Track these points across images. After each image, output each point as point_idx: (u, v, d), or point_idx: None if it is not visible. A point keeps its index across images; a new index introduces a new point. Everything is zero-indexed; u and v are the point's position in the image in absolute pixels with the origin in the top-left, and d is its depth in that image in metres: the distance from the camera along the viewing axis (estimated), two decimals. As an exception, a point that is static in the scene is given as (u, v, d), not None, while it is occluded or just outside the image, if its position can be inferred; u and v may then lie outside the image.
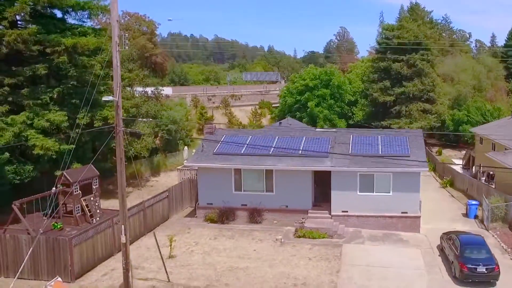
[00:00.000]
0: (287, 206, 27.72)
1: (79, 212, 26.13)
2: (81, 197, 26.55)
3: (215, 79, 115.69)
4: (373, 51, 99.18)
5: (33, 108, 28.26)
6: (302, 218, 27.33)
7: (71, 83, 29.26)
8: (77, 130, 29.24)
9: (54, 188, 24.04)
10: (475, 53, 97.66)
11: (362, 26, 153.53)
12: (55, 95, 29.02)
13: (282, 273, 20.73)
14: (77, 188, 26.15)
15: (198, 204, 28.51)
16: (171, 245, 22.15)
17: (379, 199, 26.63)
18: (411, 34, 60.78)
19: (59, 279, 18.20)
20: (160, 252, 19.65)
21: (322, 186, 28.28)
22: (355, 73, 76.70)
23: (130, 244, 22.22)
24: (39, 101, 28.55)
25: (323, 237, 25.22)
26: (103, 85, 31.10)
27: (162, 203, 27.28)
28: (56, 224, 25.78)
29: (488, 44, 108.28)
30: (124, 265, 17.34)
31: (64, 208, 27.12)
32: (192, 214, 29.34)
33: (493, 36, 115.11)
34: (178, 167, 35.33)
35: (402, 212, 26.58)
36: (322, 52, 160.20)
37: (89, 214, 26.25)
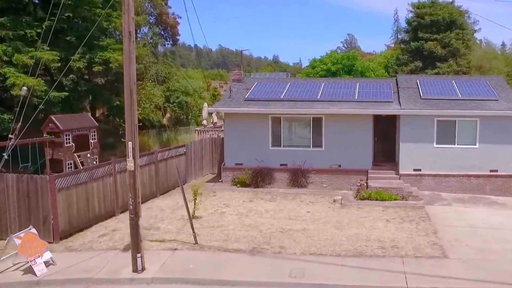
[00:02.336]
0: (339, 166, 21.39)
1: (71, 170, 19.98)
2: (75, 151, 20.32)
3: (221, 79, 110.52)
4: (391, 45, 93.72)
5: (13, 43, 22.14)
6: (360, 180, 21.07)
7: (66, 14, 23.15)
8: (71, 76, 23.26)
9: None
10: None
11: (369, 33, 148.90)
12: (43, 31, 22.89)
13: (357, 235, 14.38)
14: (69, 139, 19.93)
15: (224, 165, 22.16)
16: (195, 200, 15.77)
17: (462, 153, 20.37)
18: (445, 11, 54.91)
19: (33, 230, 11.85)
20: (185, 200, 13.28)
21: (384, 140, 22.06)
22: (376, 62, 70.91)
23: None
24: (22, 34, 22.43)
25: (394, 199, 18.90)
26: (106, 19, 25.00)
27: (178, 160, 20.95)
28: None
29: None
30: (132, 207, 11.02)
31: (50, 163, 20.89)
32: (215, 180, 22.99)
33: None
34: (197, 128, 28.97)
35: (491, 170, 20.25)
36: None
37: (84, 173, 19.94)
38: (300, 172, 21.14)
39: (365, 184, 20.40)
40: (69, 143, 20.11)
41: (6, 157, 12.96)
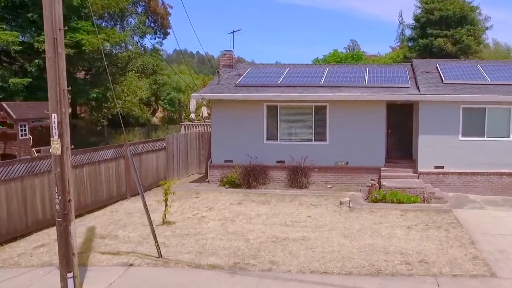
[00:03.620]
0: (347, 163, 18.11)
1: None
2: (33, 146, 17.08)
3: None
4: (396, 47, 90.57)
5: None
6: (371, 180, 17.79)
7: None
8: (36, 61, 20.08)
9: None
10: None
11: (371, 39, 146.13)
12: (0, 6, 19.80)
13: (372, 246, 11.07)
14: (25, 130, 16.66)
15: (211, 162, 18.87)
16: (166, 201, 12.49)
17: (493, 147, 17.12)
18: (455, 6, 51.72)
19: None
20: (145, 205, 9.96)
21: (398, 132, 18.77)
22: (382, 62, 67.76)
23: (100, 208, 13.09)
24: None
25: (414, 201, 15.58)
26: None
27: (156, 156, 17.70)
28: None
29: None
30: (59, 207, 7.75)
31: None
32: (201, 180, 19.69)
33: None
34: (183, 123, 25.67)
35: (528, 168, 16.93)
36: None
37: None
38: (300, 170, 17.85)
39: (378, 184, 17.07)
40: (25, 135, 16.87)
41: None
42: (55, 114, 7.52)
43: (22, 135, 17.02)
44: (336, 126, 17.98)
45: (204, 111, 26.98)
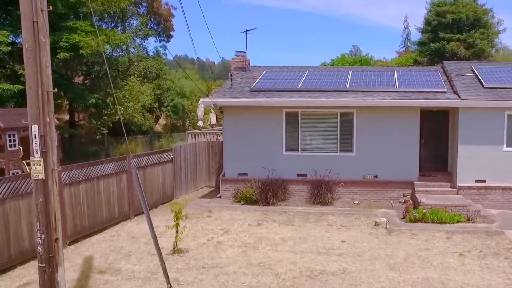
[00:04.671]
0: (376, 177, 16.14)
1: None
2: (23, 158, 15.15)
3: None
4: (402, 52, 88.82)
5: None
6: (403, 195, 15.81)
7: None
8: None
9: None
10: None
11: (373, 44, 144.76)
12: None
13: (428, 281, 9.13)
14: (14, 140, 14.72)
15: (224, 175, 16.90)
16: (177, 226, 10.50)
17: (542, 159, 15.06)
18: (468, 8, 49.91)
19: None
20: (151, 227, 7.95)
21: (432, 142, 16.81)
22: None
23: (99, 232, 11.11)
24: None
25: (457, 221, 13.59)
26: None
27: (162, 169, 15.74)
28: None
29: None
30: (41, 249, 5.81)
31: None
32: (212, 195, 17.70)
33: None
34: (191, 131, 23.67)
35: None
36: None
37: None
38: (324, 184, 15.88)
39: (412, 200, 15.10)
40: (14, 146, 14.92)
41: None
42: (36, 125, 5.57)
43: (10, 146, 15.06)
44: (364, 135, 16.04)
45: (212, 118, 25.06)
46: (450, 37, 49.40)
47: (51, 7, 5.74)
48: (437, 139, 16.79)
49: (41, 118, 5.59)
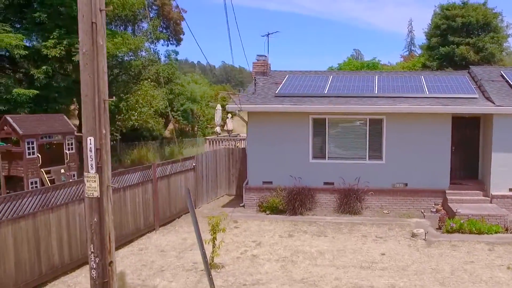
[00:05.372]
0: (406, 185, 15.60)
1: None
2: (42, 166, 14.66)
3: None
4: (407, 56, 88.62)
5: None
6: (435, 205, 15.28)
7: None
8: (44, 68, 17.73)
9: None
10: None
11: (375, 49, 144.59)
12: (4, 4, 17.47)
13: (486, 301, 8.50)
14: (32, 148, 14.22)
15: (247, 183, 16.34)
16: (213, 240, 9.94)
17: None
18: (478, 12, 49.45)
19: None
20: (201, 241, 7.40)
21: (462, 150, 16.26)
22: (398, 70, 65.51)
23: (125, 245, 10.50)
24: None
25: (496, 231, 13.05)
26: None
27: (185, 178, 15.21)
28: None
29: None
30: (95, 273, 5.20)
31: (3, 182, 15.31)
32: (234, 204, 17.12)
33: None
34: (208, 137, 23.11)
35: None
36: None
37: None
38: (352, 193, 15.34)
39: (443, 208, 14.57)
40: (33, 154, 14.39)
41: None
42: (92, 138, 5.03)
43: (29, 154, 14.52)
44: (394, 142, 15.50)
45: (229, 124, 24.51)
46: (459, 41, 48.97)
47: (111, 7, 5.20)
48: (467, 147, 16.24)
49: (97, 130, 5.06)
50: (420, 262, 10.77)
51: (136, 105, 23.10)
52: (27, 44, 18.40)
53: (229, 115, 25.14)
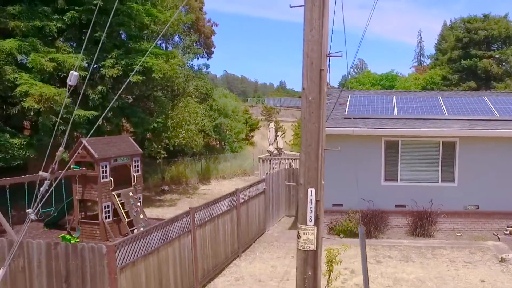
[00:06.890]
0: (477, 207, 15.46)
1: (109, 216, 14.29)
2: (113, 189, 14.61)
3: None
4: (418, 67, 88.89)
5: (31, 40, 16.64)
6: (507, 227, 15.12)
7: (94, 2, 17.62)
8: (99, 88, 17.74)
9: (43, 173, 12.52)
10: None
11: (379, 58, 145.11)
12: (65, 24, 17.51)
13: None
14: (106, 171, 14.20)
15: (316, 206, 16.15)
16: (330, 272, 9.80)
17: None
18: (500, 25, 49.57)
19: None
20: (366, 273, 7.29)
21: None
22: (413, 83, 65.40)
23: (218, 274, 10.55)
24: (39, 27, 17.03)
25: None
26: (147, 13, 19.62)
27: (258, 201, 15.13)
28: (67, 236, 13.84)
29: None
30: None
31: (83, 207, 15.25)
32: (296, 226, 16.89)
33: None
34: (261, 156, 23.00)
35: None
36: (337, 86, 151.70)
37: (126, 219, 14.28)
38: (425, 216, 15.20)
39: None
40: (106, 177, 14.30)
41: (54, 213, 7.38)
42: (313, 189, 4.96)
43: (103, 177, 14.43)
44: (466, 165, 15.42)
45: (280, 142, 24.40)
46: (481, 54, 49.09)
47: (340, 52, 5.14)
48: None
49: (318, 181, 4.98)
50: (526, 291, 10.64)
51: (183, 123, 23.05)
52: (86, 63, 18.41)
53: (279, 133, 25.07)
